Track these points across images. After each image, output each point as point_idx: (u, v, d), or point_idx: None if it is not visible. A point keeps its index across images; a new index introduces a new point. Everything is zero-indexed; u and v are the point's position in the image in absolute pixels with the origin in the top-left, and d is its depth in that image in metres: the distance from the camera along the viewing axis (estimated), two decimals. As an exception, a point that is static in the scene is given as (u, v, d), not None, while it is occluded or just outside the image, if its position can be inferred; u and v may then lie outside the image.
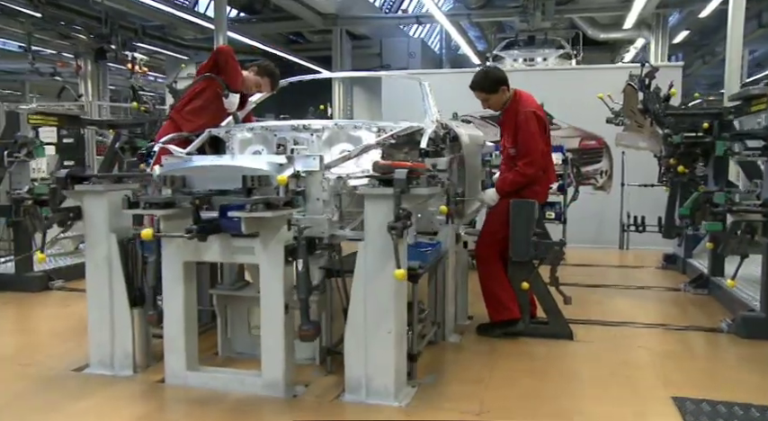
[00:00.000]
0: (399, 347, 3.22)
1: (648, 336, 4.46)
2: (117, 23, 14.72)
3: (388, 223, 2.96)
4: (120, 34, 15.11)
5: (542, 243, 4.28)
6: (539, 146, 4.25)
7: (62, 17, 13.46)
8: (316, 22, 16.64)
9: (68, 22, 13.61)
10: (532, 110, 4.27)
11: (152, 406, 3.19)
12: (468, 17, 16.40)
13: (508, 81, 4.35)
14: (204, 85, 4.64)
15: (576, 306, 5.17)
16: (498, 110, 4.44)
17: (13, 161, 5.51)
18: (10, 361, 3.88)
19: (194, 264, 3.46)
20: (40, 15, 12.72)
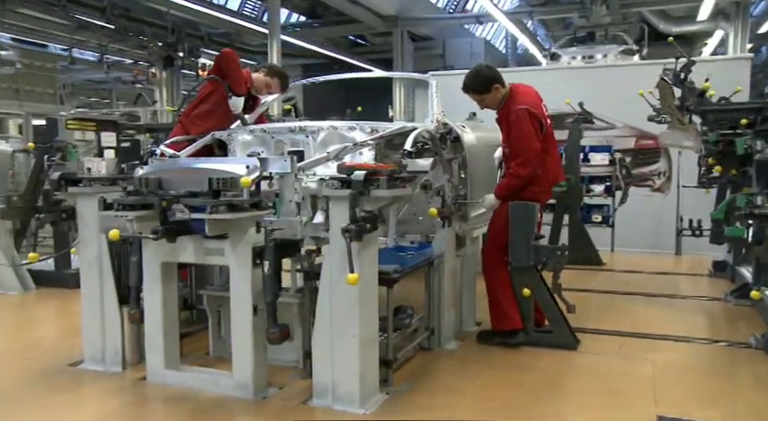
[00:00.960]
0: (366, 353, 3.14)
1: (664, 349, 4.15)
2: (184, 32, 15.36)
3: (341, 226, 2.90)
4: (187, 42, 15.77)
5: (543, 248, 4.08)
6: (532, 144, 4.05)
7: (133, 28, 14.15)
8: (376, 24, 16.73)
9: (138, 32, 14.29)
10: (525, 107, 4.06)
11: (123, 402, 3.27)
12: (530, 15, 15.99)
13: (501, 78, 4.18)
14: (211, 88, 4.73)
15: (598, 314, 4.96)
16: (496, 108, 4.26)
17: (51, 164, 5.81)
18: (19, 353, 4.09)
19: (174, 265, 3.52)
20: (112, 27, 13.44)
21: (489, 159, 4.94)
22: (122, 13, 13.60)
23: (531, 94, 4.23)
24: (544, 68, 11.94)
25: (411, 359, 3.89)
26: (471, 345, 4.21)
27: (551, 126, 4.32)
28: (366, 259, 3.10)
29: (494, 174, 5.08)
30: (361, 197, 2.95)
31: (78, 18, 13.21)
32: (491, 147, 4.94)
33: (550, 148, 4.24)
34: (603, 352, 4.05)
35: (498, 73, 4.21)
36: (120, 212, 3.24)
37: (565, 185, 7.13)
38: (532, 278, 4.11)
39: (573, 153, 7.36)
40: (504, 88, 4.17)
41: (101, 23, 13.53)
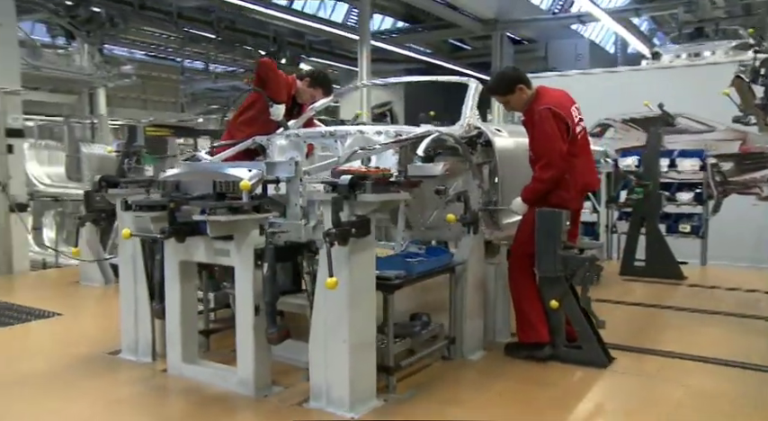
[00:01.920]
0: (357, 358, 3.12)
1: (707, 374, 3.78)
2: (285, 41, 16.04)
3: (323, 230, 2.91)
4: (289, 50, 16.45)
5: (572, 258, 3.85)
6: (555, 145, 3.83)
7: (237, 39, 14.99)
8: (474, 27, 16.59)
9: (242, 42, 15.11)
10: (548, 107, 3.86)
11: (136, 391, 3.47)
12: (637, 12, 15.13)
13: (527, 80, 4.01)
14: (255, 96, 4.93)
15: (653, 332, 4.62)
16: (521, 110, 4.09)
17: (129, 167, 6.30)
18: (74, 341, 4.44)
19: (193, 264, 3.68)
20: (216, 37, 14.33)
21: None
22: (228, 25, 14.44)
23: (558, 96, 4.02)
24: (641, 69, 11.23)
25: (427, 367, 3.82)
26: (497, 357, 4.05)
27: (585, 130, 4.09)
28: (358, 264, 3.09)
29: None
30: (347, 201, 2.95)
31: (188, 32, 14.21)
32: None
33: (580, 153, 4.00)
34: (636, 373, 3.75)
35: (524, 74, 4.06)
36: (137, 213, 3.46)
37: (641, 192, 6.73)
38: (561, 289, 3.90)
39: (651, 158, 6.88)
40: (529, 90, 4.01)
41: (209, 35, 14.46)
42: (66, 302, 5.63)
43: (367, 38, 12.99)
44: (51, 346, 4.31)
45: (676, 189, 8.03)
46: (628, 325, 4.85)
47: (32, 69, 10.81)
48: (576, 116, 4.02)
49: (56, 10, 11.57)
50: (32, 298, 5.73)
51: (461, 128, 4.22)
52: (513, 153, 4.41)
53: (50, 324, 4.96)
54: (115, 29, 12.43)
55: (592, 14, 14.95)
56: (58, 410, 3.20)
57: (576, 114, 4.02)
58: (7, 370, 3.83)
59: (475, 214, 3.96)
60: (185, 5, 13.41)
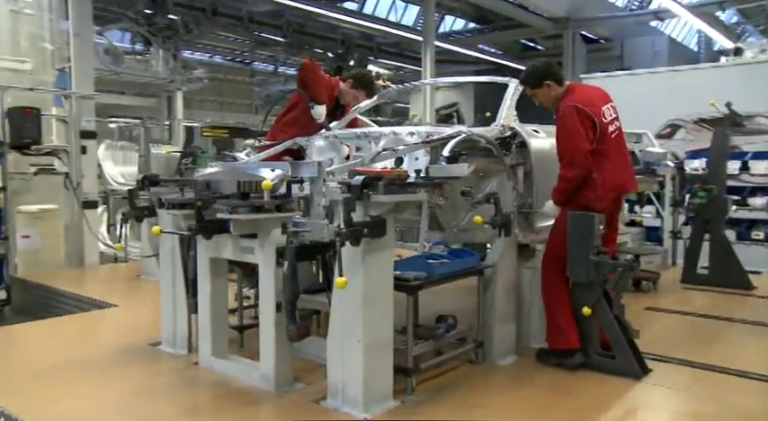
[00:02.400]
0: (372, 358, 3.13)
1: (748, 390, 3.55)
2: (354, 43, 16.24)
3: (334, 229, 2.94)
4: (357, 52, 16.64)
5: (604, 263, 3.71)
6: (579, 143, 3.70)
7: (306, 42, 15.31)
8: (545, 27, 16.23)
9: (311, 45, 15.42)
10: (573, 104, 3.74)
11: (163, 381, 3.62)
12: (721, 5, 14.33)
13: (558, 76, 3.93)
14: (298, 98, 5.02)
15: (701, 344, 4.38)
16: (549, 107, 3.98)
17: (186, 167, 6.55)
18: (123, 332, 4.68)
19: (223, 261, 3.80)
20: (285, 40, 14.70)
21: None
22: (297, 28, 14.79)
23: (588, 94, 3.91)
24: (719, 65, 10.62)
25: (453, 370, 3.78)
26: (527, 363, 3.96)
27: (620, 130, 3.94)
28: (373, 264, 3.10)
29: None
30: (359, 201, 2.96)
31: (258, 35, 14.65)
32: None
33: (612, 153, 3.84)
34: (671, 386, 3.57)
35: (555, 70, 3.99)
36: (170, 211, 3.61)
37: (704, 196, 6.39)
38: (594, 296, 3.76)
39: (717, 160, 6.51)
40: (559, 87, 3.92)
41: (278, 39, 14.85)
42: (125, 295, 5.94)
43: (431, 39, 12.96)
44: (100, 335, 4.56)
45: (749, 193, 7.58)
46: (674, 335, 4.63)
47: (113, 75, 11.49)
48: (610, 115, 3.88)
49: (136, 19, 12.23)
50: (96, 289, 6.08)
51: (496, 128, 4.15)
52: (550, 154, 4.28)
53: (105, 314, 5.25)
54: (190, 35, 13.01)
55: (671, 11, 14.32)
56: (88, 395, 3.38)
57: (609, 113, 3.88)
58: (55, 355, 4.10)
59: (506, 216, 3.87)
60: (256, 10, 13.82)
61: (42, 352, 4.28)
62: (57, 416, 3.13)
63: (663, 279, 6.81)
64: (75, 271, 7.24)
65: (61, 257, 7.31)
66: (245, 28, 13.82)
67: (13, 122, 6.62)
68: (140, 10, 12.01)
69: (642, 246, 7.16)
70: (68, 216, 7.35)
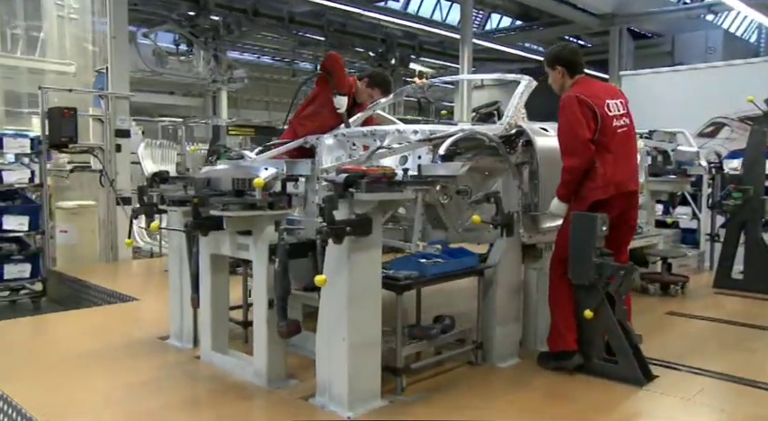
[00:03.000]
0: (357, 357, 3.12)
1: (755, 400, 3.39)
2: (395, 42, 16.24)
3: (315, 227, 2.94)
4: (399, 52, 16.63)
5: (606, 265, 3.59)
6: (579, 132, 3.63)
7: (347, 41, 15.39)
8: (591, 23, 15.82)
9: (352, 45, 15.50)
10: (575, 94, 3.68)
11: (163, 374, 3.69)
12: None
13: (571, 64, 3.88)
14: (318, 91, 5.05)
15: (707, 350, 4.26)
16: (558, 93, 3.96)
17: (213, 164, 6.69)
18: (132, 325, 4.79)
19: (224, 257, 3.86)
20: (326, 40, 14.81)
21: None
22: (338, 28, 14.88)
23: (595, 87, 3.85)
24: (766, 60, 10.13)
25: (450, 371, 3.74)
26: (528, 367, 3.87)
27: (629, 128, 3.85)
28: (358, 263, 3.10)
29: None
30: (343, 199, 2.96)
31: (299, 35, 14.81)
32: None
33: (614, 147, 3.74)
34: (675, 393, 3.42)
35: (572, 58, 3.91)
36: (169, 207, 3.69)
37: (740, 197, 6.12)
38: (596, 299, 3.65)
39: (753, 159, 6.21)
40: (570, 77, 3.89)
41: (319, 38, 14.99)
42: (148, 289, 6.11)
43: (469, 37, 12.83)
44: (115, 327, 4.70)
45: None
46: (691, 341, 4.45)
47: (155, 75, 11.84)
48: (618, 110, 3.79)
49: (179, 21, 12.56)
50: (123, 283, 6.30)
51: (501, 126, 4.08)
52: (558, 153, 4.18)
53: (125, 307, 5.43)
54: (231, 35, 13.27)
55: (725, 3, 13.74)
56: (89, 386, 3.49)
57: (617, 108, 3.78)
58: (69, 345, 4.26)
59: (508, 216, 3.80)
60: (297, 11, 13.99)
61: (58, 342, 4.46)
62: (58, 405, 3.24)
63: (696, 283, 6.57)
64: (109, 265, 7.50)
65: (96, 252, 7.59)
66: (285, 28, 13.99)
67: (51, 122, 6.90)
68: (183, 12, 12.32)
69: (674, 249, 6.89)
70: (104, 212, 7.62)
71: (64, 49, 8.48)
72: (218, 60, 12.74)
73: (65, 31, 8.46)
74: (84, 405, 3.24)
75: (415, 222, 3.61)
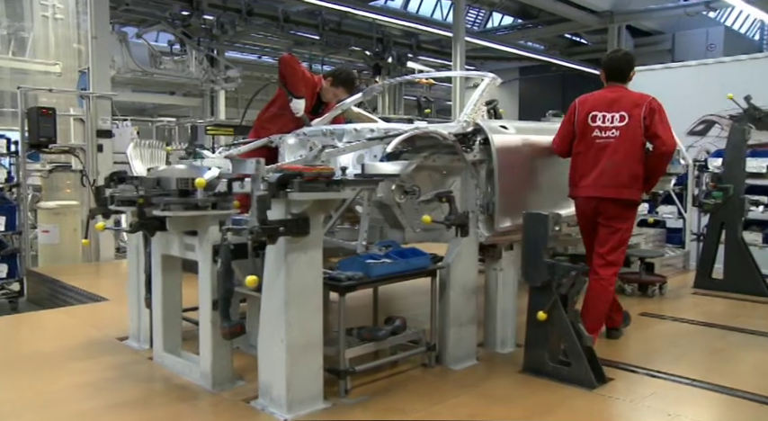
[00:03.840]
0: (296, 359, 3.07)
1: (708, 404, 3.33)
2: (391, 41, 16.16)
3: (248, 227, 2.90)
4: (396, 50, 16.55)
5: (558, 266, 3.53)
6: (559, 132, 4.27)
7: (342, 40, 15.32)
8: (589, 21, 15.66)
9: (347, 44, 15.42)
10: (577, 98, 4.25)
11: (111, 375, 3.65)
12: (779, -7, 13.44)
13: (607, 71, 4.23)
14: (278, 93, 5.03)
15: (672, 352, 4.18)
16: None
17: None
18: (93, 325, 4.73)
19: (176, 258, 3.82)
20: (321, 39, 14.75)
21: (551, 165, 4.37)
22: (333, 27, 14.83)
23: (596, 96, 4.20)
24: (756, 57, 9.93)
25: (402, 373, 3.68)
26: (484, 369, 3.82)
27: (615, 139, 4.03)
28: (296, 263, 3.05)
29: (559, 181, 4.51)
30: (275, 199, 2.92)
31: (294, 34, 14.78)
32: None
33: (586, 152, 4.11)
34: (624, 397, 3.35)
35: (610, 66, 4.24)
36: (116, 207, 3.67)
37: (720, 196, 6.02)
38: (549, 300, 3.58)
39: (734, 157, 6.11)
40: (605, 81, 4.27)
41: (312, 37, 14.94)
42: (121, 289, 6.06)
43: (461, 35, 12.72)
44: (76, 328, 4.68)
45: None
46: (659, 343, 4.39)
47: (146, 75, 11.85)
48: (608, 123, 4.05)
49: (172, 21, 12.56)
50: (98, 284, 6.28)
51: (458, 124, 4.02)
52: (519, 152, 4.13)
53: (92, 308, 5.42)
54: (225, 35, 13.26)
55: (724, 0, 13.58)
56: (27, 387, 3.45)
57: (606, 120, 4.06)
58: (19, 346, 4.30)
59: (462, 216, 3.74)
60: (292, 10, 13.95)
61: (13, 343, 4.47)
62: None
63: (678, 283, 6.50)
64: (90, 265, 7.49)
65: (79, 252, 7.59)
66: (280, 28, 13.95)
67: (30, 122, 6.90)
68: (176, 12, 12.32)
69: (653, 249, 6.79)
70: (85, 212, 7.61)
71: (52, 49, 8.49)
72: (213, 60, 12.72)
73: (51, 31, 8.46)
74: (22, 407, 3.21)
75: (362, 222, 3.58)
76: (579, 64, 17.96)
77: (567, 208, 4.62)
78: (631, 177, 3.99)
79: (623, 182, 3.98)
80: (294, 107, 4.87)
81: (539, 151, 4.30)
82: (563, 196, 4.60)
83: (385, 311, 4.31)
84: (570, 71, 18.38)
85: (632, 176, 3.99)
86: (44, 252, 7.53)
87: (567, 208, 4.62)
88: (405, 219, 3.92)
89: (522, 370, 3.74)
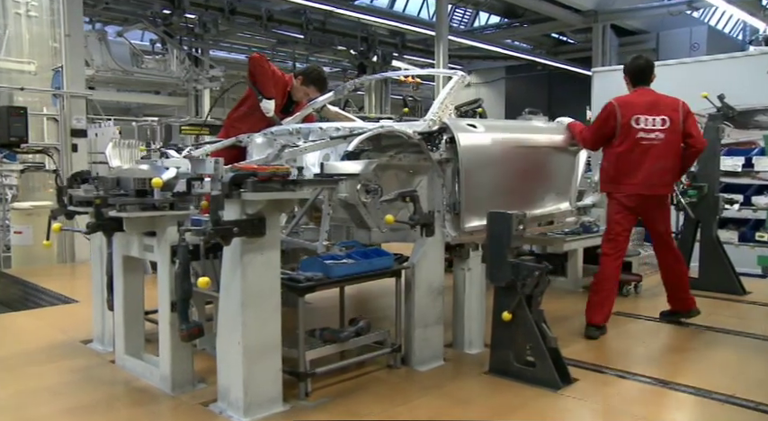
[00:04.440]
0: (253, 361, 3.03)
1: (672, 404, 3.31)
2: (376, 40, 16.12)
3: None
4: (381, 49, 16.51)
5: (522, 265, 3.49)
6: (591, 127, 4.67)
7: (327, 40, 15.26)
8: (574, 20, 15.70)
9: (331, 43, 15.37)
10: (614, 100, 4.49)
11: (70, 379, 3.59)
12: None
13: (633, 76, 4.56)
14: (248, 93, 4.97)
15: (642, 352, 4.15)
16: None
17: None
18: (59, 328, 4.64)
19: (137, 259, 3.76)
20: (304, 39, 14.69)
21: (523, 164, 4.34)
22: (318, 26, 14.77)
23: (635, 99, 4.46)
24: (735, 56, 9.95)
25: (366, 375, 3.64)
26: (450, 370, 3.78)
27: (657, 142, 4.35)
28: (252, 264, 3.00)
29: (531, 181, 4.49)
30: (228, 199, 2.87)
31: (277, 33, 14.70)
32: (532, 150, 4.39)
33: (630, 154, 4.39)
34: (587, 398, 3.32)
35: (634, 72, 4.57)
36: (74, 208, 3.60)
37: (695, 195, 6.01)
38: (513, 300, 3.54)
39: (708, 156, 6.08)
40: (631, 86, 4.57)
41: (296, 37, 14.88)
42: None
43: (444, 34, 12.69)
44: (40, 331, 4.60)
45: (755, 192, 7.10)
46: (629, 343, 4.38)
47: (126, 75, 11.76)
48: (649, 125, 4.35)
49: (153, 20, 12.46)
50: (70, 285, 6.21)
51: (424, 123, 3.98)
52: (487, 151, 4.10)
53: (61, 310, 5.34)
54: (208, 34, 13.17)
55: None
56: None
57: (649, 123, 4.35)
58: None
59: (427, 216, 3.71)
60: (275, 9, 13.88)
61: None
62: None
63: (654, 282, 6.45)
64: (65, 267, 7.41)
65: (54, 253, 7.50)
66: (264, 26, 13.88)
67: (0, 121, 6.80)
68: (157, 11, 12.22)
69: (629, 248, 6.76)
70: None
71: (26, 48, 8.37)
72: (197, 59, 12.63)
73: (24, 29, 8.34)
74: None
75: (322, 222, 3.53)
76: (565, 63, 18.01)
77: (538, 207, 4.63)
78: (674, 176, 4.58)
79: (668, 181, 4.52)
80: (264, 107, 4.83)
81: (509, 150, 4.27)
82: (535, 196, 4.59)
83: (356, 312, 4.26)
84: (556, 70, 18.42)
85: (674, 175, 4.58)
86: (17, 253, 7.43)
87: (538, 207, 4.63)
88: (371, 219, 3.87)
89: (488, 371, 3.71)
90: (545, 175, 4.69)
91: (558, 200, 4.83)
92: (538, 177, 4.61)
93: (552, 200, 4.77)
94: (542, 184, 4.68)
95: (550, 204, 4.76)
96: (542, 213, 4.71)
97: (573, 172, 4.98)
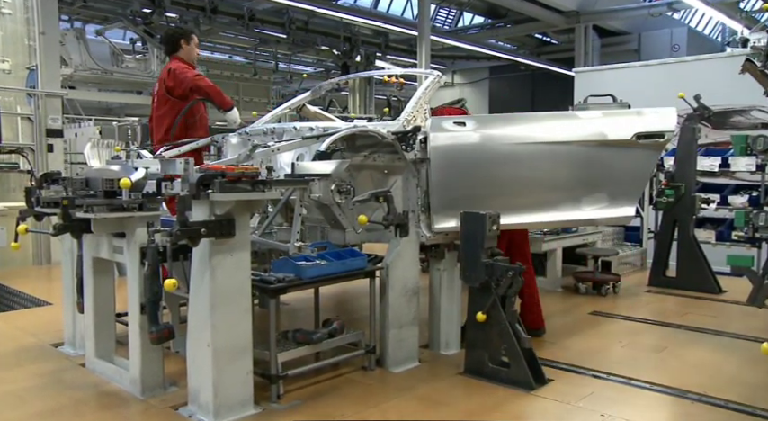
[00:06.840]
0: (223, 363, 2.98)
1: (646, 404, 3.30)
2: (359, 40, 16.06)
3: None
4: (365, 49, 16.46)
5: (496, 266, 3.48)
6: None
7: (309, 40, 15.17)
8: (556, 21, 15.73)
9: (313, 43, 15.28)
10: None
11: (36, 383, 3.53)
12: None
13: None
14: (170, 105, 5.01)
15: (616, 352, 4.14)
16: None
17: (141, 165, 6.52)
18: (30, 331, 4.57)
19: (108, 261, 3.69)
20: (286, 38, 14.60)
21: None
22: (300, 26, 14.68)
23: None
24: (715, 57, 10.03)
25: (340, 376, 3.61)
26: (425, 371, 3.76)
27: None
28: (221, 266, 2.96)
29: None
30: (195, 200, 2.83)
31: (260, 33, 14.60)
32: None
33: None
34: (560, 398, 3.31)
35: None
36: (41, 209, 3.54)
37: (672, 195, 6.05)
38: (487, 301, 3.53)
39: (685, 155, 6.14)
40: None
41: (279, 36, 14.79)
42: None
43: (426, 34, 12.66)
44: (10, 333, 4.52)
45: (732, 191, 7.15)
46: (605, 342, 4.39)
47: (106, 74, 11.62)
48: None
49: (133, 18, 12.31)
50: (44, 288, 6.11)
51: (399, 123, 3.95)
52: (466, 150, 4.05)
53: (33, 313, 5.26)
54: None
55: (685, 2, 13.71)
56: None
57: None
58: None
59: (400, 216, 3.68)
60: (258, 8, 13.78)
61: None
62: None
63: (633, 281, 6.52)
64: (41, 269, 7.30)
65: (29, 255, 7.38)
66: (246, 26, 13.77)
67: (-29, 121, 6.69)
68: (137, 9, 12.08)
69: (607, 248, 6.81)
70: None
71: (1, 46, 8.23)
72: (173, 59, 12.47)
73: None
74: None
75: (294, 222, 3.50)
76: (548, 63, 18.06)
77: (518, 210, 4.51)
78: None
79: None
80: (230, 119, 4.89)
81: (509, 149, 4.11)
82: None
83: (332, 314, 4.22)
84: (539, 70, 18.47)
85: None
86: (-8, 255, 7.31)
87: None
88: (345, 220, 3.84)
89: (462, 371, 3.70)
90: (574, 175, 4.16)
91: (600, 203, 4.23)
92: (559, 178, 4.16)
93: (590, 204, 4.22)
94: (567, 186, 4.18)
95: (589, 208, 4.21)
96: (564, 220, 4.31)
97: (633, 172, 4.24)
